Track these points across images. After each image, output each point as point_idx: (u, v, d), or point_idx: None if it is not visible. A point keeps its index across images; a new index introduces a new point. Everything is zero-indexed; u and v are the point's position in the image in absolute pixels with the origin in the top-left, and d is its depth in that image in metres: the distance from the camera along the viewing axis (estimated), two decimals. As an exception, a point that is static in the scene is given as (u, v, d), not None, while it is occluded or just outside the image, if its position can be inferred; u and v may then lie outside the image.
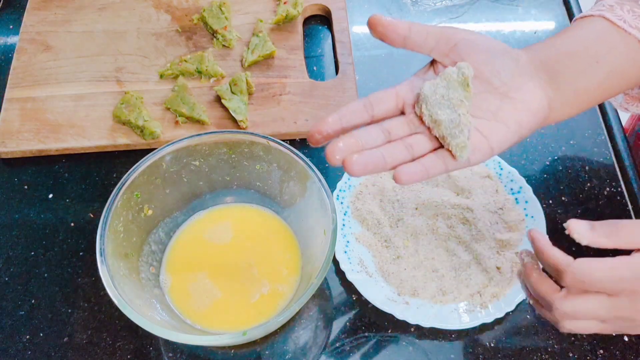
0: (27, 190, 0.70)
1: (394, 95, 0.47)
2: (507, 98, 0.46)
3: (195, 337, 0.50)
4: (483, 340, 0.60)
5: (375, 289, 0.61)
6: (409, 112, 0.47)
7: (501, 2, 0.87)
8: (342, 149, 0.43)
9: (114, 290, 0.51)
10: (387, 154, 0.44)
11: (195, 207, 0.65)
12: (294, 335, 0.60)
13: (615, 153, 0.72)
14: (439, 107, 0.45)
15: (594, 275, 0.42)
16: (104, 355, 0.59)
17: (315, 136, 0.44)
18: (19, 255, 0.65)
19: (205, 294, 0.59)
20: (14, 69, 0.77)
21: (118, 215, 0.55)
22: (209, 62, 0.75)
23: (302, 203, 0.61)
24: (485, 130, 0.45)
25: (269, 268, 0.61)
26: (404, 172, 0.44)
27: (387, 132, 0.45)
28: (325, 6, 0.83)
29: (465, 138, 0.44)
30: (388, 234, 0.64)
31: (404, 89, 0.47)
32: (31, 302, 0.62)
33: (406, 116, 0.47)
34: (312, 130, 0.44)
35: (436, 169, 0.45)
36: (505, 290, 0.60)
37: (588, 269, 0.42)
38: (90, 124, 0.73)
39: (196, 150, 0.61)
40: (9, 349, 0.60)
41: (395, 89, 0.47)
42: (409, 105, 0.47)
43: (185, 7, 0.83)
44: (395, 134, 0.46)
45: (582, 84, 0.48)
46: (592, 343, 0.59)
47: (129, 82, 0.76)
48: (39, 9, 0.83)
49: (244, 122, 0.72)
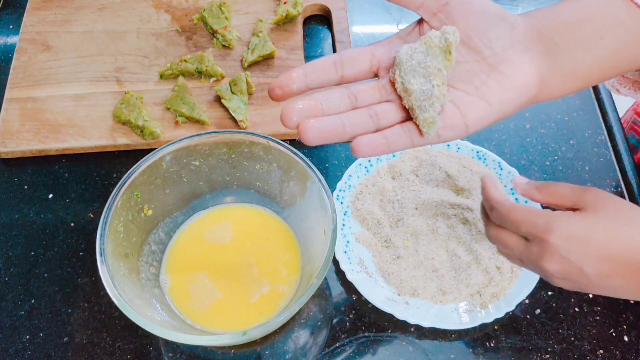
0: (27, 190, 0.70)
1: (368, 55, 0.43)
2: (495, 71, 0.42)
3: (195, 337, 0.50)
4: (483, 340, 0.60)
5: (375, 289, 0.61)
6: (383, 75, 0.43)
7: (501, 2, 0.87)
8: (300, 110, 0.39)
9: (114, 290, 0.51)
10: (347, 122, 0.40)
11: (195, 207, 0.65)
12: (294, 335, 0.60)
13: (615, 153, 0.72)
14: (412, 75, 0.40)
15: (511, 215, 0.45)
16: (104, 355, 0.59)
17: (275, 90, 0.40)
18: (19, 255, 0.65)
19: (205, 294, 0.59)
20: (14, 69, 0.77)
21: (118, 215, 0.55)
22: (209, 62, 0.75)
23: (302, 203, 0.61)
24: (463, 105, 0.42)
25: (269, 268, 0.61)
26: (362, 143, 0.40)
27: (354, 97, 0.42)
28: (325, 6, 0.83)
29: (436, 113, 0.40)
30: (388, 234, 0.64)
31: (381, 50, 0.43)
32: (31, 302, 0.62)
33: (379, 80, 0.43)
34: (274, 84, 0.40)
35: (400, 144, 0.41)
36: (505, 290, 0.60)
37: (511, 208, 0.46)
38: (90, 124, 0.73)
39: (196, 150, 0.61)
40: (9, 349, 0.60)
41: (371, 47, 0.43)
42: (383, 68, 0.43)
43: (185, 7, 0.83)
44: (362, 99, 0.42)
45: (582, 60, 0.44)
46: (592, 343, 0.59)
47: (129, 82, 0.76)
48: (39, 9, 0.83)
49: (244, 122, 0.72)
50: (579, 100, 0.76)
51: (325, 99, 0.40)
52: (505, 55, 0.42)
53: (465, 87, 0.42)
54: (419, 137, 0.41)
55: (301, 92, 0.41)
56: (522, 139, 0.73)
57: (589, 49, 0.44)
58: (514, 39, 0.42)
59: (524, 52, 0.43)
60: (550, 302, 0.62)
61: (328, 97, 0.41)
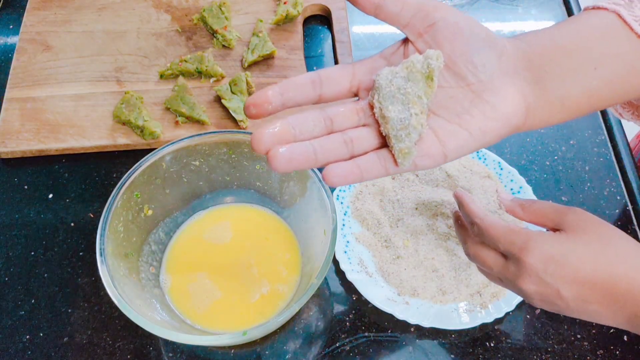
0: (27, 190, 0.70)
1: (349, 75, 0.41)
2: (479, 99, 0.40)
3: (195, 337, 0.50)
4: (483, 340, 0.60)
5: (375, 289, 0.61)
6: (362, 96, 0.41)
7: (501, 2, 0.87)
8: (271, 135, 0.37)
9: (114, 290, 0.51)
10: (319, 149, 0.38)
11: (195, 207, 0.65)
12: (294, 335, 0.60)
13: (615, 153, 0.72)
14: (391, 101, 0.38)
15: (491, 231, 0.45)
16: (104, 355, 0.59)
17: (250, 109, 0.38)
18: (19, 255, 0.65)
19: (205, 294, 0.59)
20: (14, 69, 0.77)
21: (118, 215, 0.55)
22: (209, 62, 0.75)
23: (302, 203, 0.61)
24: (442, 133, 0.40)
25: (269, 268, 0.61)
26: (333, 172, 0.38)
27: (330, 121, 0.40)
28: (325, 6, 0.83)
29: (412, 143, 0.38)
30: (388, 233, 0.64)
31: (362, 70, 0.41)
32: (31, 302, 0.62)
33: (358, 102, 0.41)
34: (248, 102, 0.38)
35: (373, 172, 0.39)
36: (505, 290, 0.60)
37: (490, 224, 0.46)
38: (90, 124, 0.73)
39: (196, 150, 0.61)
40: (9, 349, 0.60)
41: (353, 67, 0.41)
42: (363, 89, 0.41)
43: (185, 7, 0.83)
44: (338, 124, 0.40)
45: (571, 91, 0.41)
46: (592, 343, 0.59)
47: (129, 82, 0.76)
48: (39, 8, 0.83)
49: (244, 122, 0.72)
50: (579, 100, 0.76)
51: (299, 123, 0.39)
52: (491, 83, 0.40)
53: (447, 114, 0.40)
54: (393, 166, 0.40)
55: (276, 110, 0.39)
56: (522, 139, 0.73)
57: (580, 79, 0.41)
58: (501, 67, 0.40)
59: (511, 81, 0.40)
60: (550, 302, 0.62)
61: (302, 120, 0.39)
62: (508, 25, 0.84)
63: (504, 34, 0.83)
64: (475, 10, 0.86)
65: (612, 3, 0.43)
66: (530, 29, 0.84)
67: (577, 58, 0.41)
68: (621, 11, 0.42)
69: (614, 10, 0.42)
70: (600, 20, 0.42)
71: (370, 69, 0.41)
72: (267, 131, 0.37)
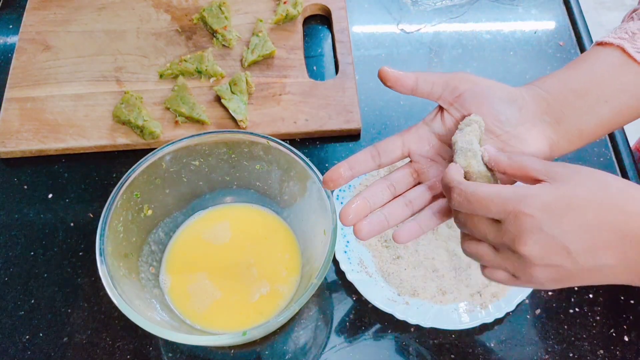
0: (27, 190, 0.70)
1: (399, 145, 0.51)
2: (507, 146, 0.47)
3: (195, 337, 0.50)
4: (483, 340, 0.60)
5: (375, 289, 0.61)
6: (414, 159, 0.51)
7: (501, 2, 0.87)
8: (354, 210, 0.49)
9: (114, 290, 0.51)
10: (389, 216, 0.50)
11: (195, 207, 0.65)
12: (294, 335, 0.60)
13: (615, 153, 0.72)
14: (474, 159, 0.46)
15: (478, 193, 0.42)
16: (104, 355, 0.59)
17: (328, 184, 0.50)
18: (18, 255, 0.65)
19: (205, 294, 0.59)
20: (14, 69, 0.77)
21: (118, 215, 0.55)
22: (208, 62, 0.75)
23: (302, 203, 0.61)
24: None
25: (269, 268, 0.61)
26: (401, 234, 0.49)
27: (393, 188, 0.51)
28: (325, 6, 0.83)
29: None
30: (388, 234, 0.64)
31: (410, 138, 0.51)
32: (31, 302, 0.62)
33: (411, 165, 0.51)
34: (326, 179, 0.50)
35: (431, 226, 0.50)
36: (505, 290, 0.60)
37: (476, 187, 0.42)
38: (89, 123, 0.73)
39: (196, 150, 0.61)
40: (9, 349, 0.60)
41: (401, 137, 0.51)
42: (414, 153, 0.51)
43: (185, 6, 0.83)
44: (399, 187, 0.51)
45: (587, 124, 0.48)
46: (592, 343, 0.59)
47: (129, 82, 0.76)
48: (39, 8, 0.83)
49: (244, 122, 0.72)
50: (579, 100, 0.76)
51: (371, 195, 0.50)
52: (515, 132, 0.47)
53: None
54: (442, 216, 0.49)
55: (347, 182, 0.51)
56: (522, 138, 0.73)
57: (593, 114, 0.48)
58: (523, 117, 0.47)
59: (533, 126, 0.48)
60: (550, 302, 0.62)
61: (373, 193, 0.50)
62: (508, 25, 0.84)
63: (504, 33, 0.83)
64: (475, 10, 0.86)
65: (617, 38, 0.49)
66: (530, 29, 0.84)
67: (589, 97, 0.48)
68: (625, 45, 0.48)
69: (618, 45, 0.48)
70: (607, 58, 0.49)
71: (417, 136, 0.51)
72: (351, 208, 0.49)
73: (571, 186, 0.40)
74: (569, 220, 0.39)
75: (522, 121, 0.47)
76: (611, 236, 0.39)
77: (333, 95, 0.75)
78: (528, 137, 0.47)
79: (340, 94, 0.75)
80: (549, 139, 0.48)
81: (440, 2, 0.87)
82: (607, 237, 0.39)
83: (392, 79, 0.49)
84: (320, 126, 0.72)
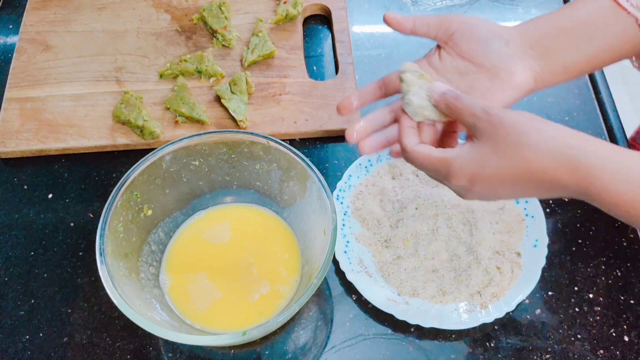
0: (27, 190, 0.70)
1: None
2: (496, 78, 0.54)
3: (195, 337, 0.50)
4: (483, 340, 0.60)
5: (375, 289, 0.60)
6: None
7: (501, 2, 0.87)
8: (357, 131, 0.55)
9: (114, 290, 0.51)
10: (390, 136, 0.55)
11: (195, 207, 0.65)
12: (294, 335, 0.60)
13: (615, 152, 0.72)
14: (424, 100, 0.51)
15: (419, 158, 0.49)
16: (104, 355, 0.59)
17: (341, 110, 0.58)
18: (18, 255, 0.65)
19: (205, 294, 0.59)
20: (14, 69, 0.77)
21: (118, 215, 0.55)
22: (208, 62, 0.75)
23: (302, 203, 0.61)
24: None
25: (269, 268, 0.61)
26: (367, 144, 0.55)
27: (394, 113, 0.56)
28: (325, 6, 0.83)
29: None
30: (388, 234, 0.64)
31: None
32: (31, 302, 0.62)
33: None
34: (339, 106, 0.57)
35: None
36: (505, 290, 0.60)
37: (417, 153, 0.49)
38: (89, 123, 0.73)
39: (196, 150, 0.61)
40: (9, 349, 0.60)
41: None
42: None
43: (185, 6, 0.83)
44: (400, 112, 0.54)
45: (571, 58, 0.54)
46: (592, 343, 0.59)
47: (129, 82, 0.76)
48: (39, 8, 0.83)
49: (244, 122, 0.72)
50: (579, 100, 0.76)
51: (373, 118, 0.56)
52: (503, 65, 0.54)
53: (475, 93, 0.54)
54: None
55: (358, 109, 0.58)
56: (522, 138, 0.73)
57: (578, 49, 0.54)
58: (509, 51, 0.54)
59: (519, 60, 0.54)
60: (550, 302, 0.62)
61: (375, 116, 0.56)
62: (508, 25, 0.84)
63: (504, 33, 0.83)
64: (475, 10, 0.86)
65: None
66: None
67: (575, 35, 0.54)
68: None
69: None
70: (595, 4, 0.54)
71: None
72: (354, 128, 0.55)
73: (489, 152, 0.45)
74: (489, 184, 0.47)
75: (509, 55, 0.54)
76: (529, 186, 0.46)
77: (333, 95, 0.75)
78: (515, 69, 0.53)
79: (340, 94, 0.75)
80: (534, 71, 0.54)
81: (440, 2, 0.86)
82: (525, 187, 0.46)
83: (395, 22, 0.57)
84: (320, 126, 0.72)
